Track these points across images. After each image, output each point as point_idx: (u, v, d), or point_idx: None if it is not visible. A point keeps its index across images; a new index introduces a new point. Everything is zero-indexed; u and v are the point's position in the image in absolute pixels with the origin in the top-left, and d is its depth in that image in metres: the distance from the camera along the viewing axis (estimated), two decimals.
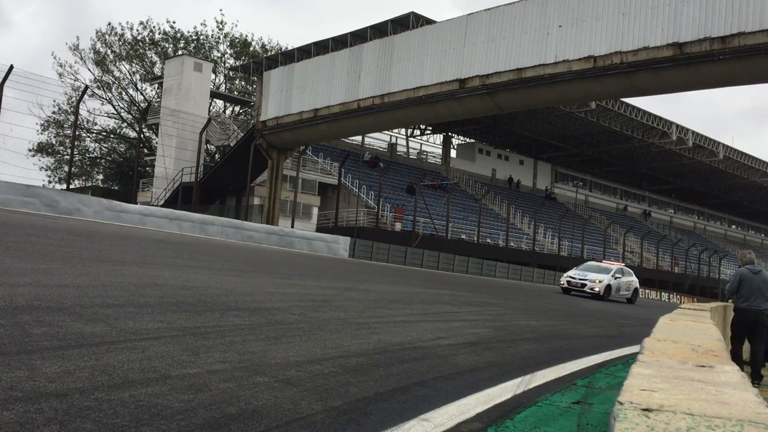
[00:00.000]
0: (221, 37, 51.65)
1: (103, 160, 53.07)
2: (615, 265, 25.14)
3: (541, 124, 47.86)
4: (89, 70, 51.91)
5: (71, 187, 38.67)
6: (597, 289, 22.73)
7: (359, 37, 31.29)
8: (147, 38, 49.45)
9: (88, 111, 51.54)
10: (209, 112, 42.83)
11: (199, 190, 32.99)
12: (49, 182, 48.66)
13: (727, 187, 61.70)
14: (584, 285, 23.02)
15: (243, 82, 51.62)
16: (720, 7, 19.05)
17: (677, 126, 45.59)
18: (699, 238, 67.17)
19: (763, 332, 8.32)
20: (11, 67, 22.80)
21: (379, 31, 30.52)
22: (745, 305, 8.24)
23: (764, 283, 8.29)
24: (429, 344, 6.21)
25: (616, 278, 23.78)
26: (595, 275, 23.44)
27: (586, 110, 41.54)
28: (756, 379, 8.15)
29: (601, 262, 28.03)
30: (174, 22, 78.24)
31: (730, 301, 9.18)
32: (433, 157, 52.58)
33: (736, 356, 8.02)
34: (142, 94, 51.09)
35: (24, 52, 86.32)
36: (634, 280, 25.43)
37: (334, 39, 32.65)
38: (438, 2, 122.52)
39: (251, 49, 51.84)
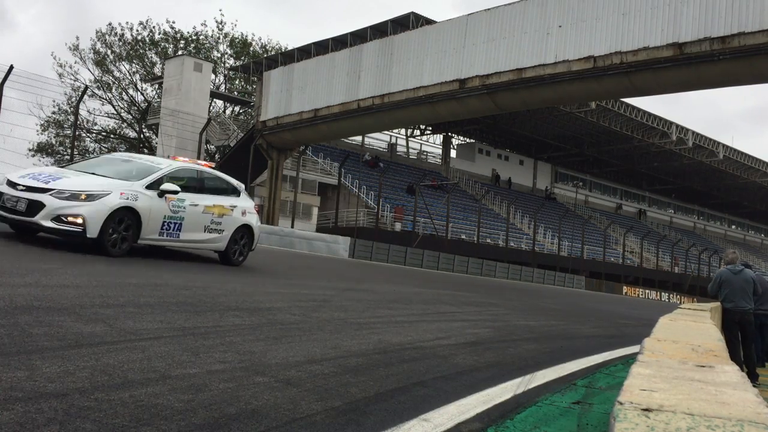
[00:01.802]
0: (221, 37, 51.69)
1: None
2: (178, 163, 10.47)
3: (541, 124, 47.85)
4: (89, 70, 51.94)
5: None
6: (76, 220, 8.39)
7: (359, 37, 31.29)
8: (147, 38, 49.47)
9: (88, 111, 51.48)
10: (209, 112, 42.82)
11: None
12: None
13: (727, 187, 61.68)
14: (36, 206, 8.37)
15: (243, 82, 51.62)
16: (720, 7, 19.04)
17: (677, 126, 45.59)
18: (699, 238, 67.16)
19: (752, 331, 8.31)
20: (11, 68, 22.80)
21: (379, 31, 30.52)
22: (731, 306, 8.23)
23: (746, 282, 8.26)
24: (429, 344, 6.21)
25: (161, 194, 9.47)
26: (85, 182, 8.90)
27: (586, 110, 41.52)
28: (752, 378, 8.14)
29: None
30: (174, 23, 78.25)
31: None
32: (433, 157, 52.59)
33: (733, 357, 8.00)
34: (142, 94, 51.11)
35: (27, 53, 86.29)
36: (240, 209, 11.07)
37: (334, 39, 32.65)
38: (438, 3, 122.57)
39: (251, 49, 51.84)
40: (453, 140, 53.45)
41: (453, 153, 53.33)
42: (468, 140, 54.51)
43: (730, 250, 9.09)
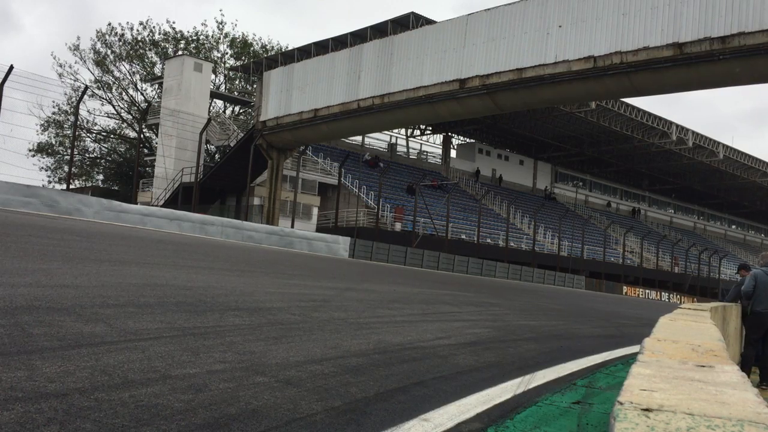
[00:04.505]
0: (221, 37, 51.67)
1: (103, 160, 53.06)
2: None
3: (541, 124, 47.86)
4: (89, 70, 51.93)
5: (71, 187, 38.65)
6: None
7: (359, 37, 31.28)
8: (147, 38, 49.46)
9: (88, 111, 51.52)
10: (209, 112, 42.82)
11: (199, 190, 32.98)
12: (49, 182, 48.67)
13: (727, 187, 61.71)
14: None
15: (243, 82, 51.62)
16: (720, 7, 19.04)
17: (677, 126, 45.59)
18: (699, 238, 67.15)
19: None
20: (11, 68, 22.81)
21: (379, 31, 30.51)
22: (761, 308, 8.03)
23: None
24: (429, 344, 6.20)
25: None
26: None
27: (586, 110, 41.53)
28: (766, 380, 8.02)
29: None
30: (174, 23, 78.27)
31: (739, 302, 8.83)
32: (433, 157, 52.61)
33: (746, 360, 7.90)
34: (142, 94, 51.10)
35: (31, 54, 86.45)
36: None
37: (334, 39, 32.63)
38: (438, 3, 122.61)
39: (251, 49, 51.83)
40: (453, 140, 53.48)
41: (453, 153, 53.35)
42: (468, 140, 54.53)
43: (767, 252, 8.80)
